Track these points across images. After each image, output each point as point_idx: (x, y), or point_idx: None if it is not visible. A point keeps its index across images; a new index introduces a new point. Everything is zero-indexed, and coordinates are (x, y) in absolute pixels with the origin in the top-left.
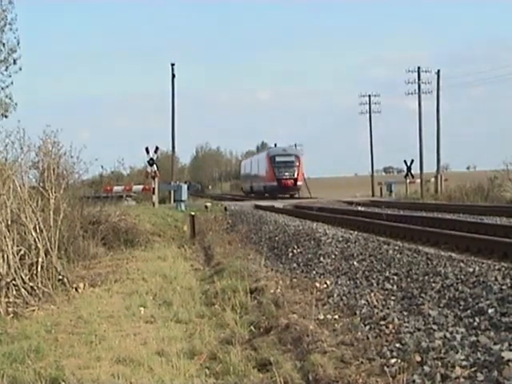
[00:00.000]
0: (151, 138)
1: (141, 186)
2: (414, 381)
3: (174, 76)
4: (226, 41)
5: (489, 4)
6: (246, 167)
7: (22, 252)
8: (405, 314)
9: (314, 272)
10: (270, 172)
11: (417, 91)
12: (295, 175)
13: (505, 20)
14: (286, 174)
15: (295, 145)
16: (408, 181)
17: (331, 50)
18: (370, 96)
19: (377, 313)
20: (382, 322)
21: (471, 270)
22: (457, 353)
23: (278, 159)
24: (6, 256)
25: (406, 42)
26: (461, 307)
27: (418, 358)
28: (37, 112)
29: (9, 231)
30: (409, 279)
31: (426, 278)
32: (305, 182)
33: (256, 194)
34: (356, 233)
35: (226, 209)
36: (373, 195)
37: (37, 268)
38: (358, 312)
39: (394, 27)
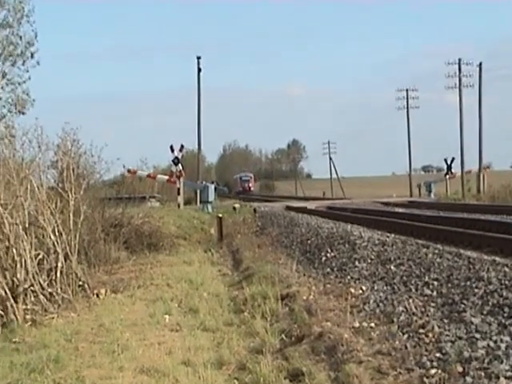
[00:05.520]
0: (176, 136)
1: (166, 177)
2: None
3: (199, 70)
4: (258, 35)
5: None
6: (233, 180)
7: (41, 256)
8: (445, 321)
9: (349, 277)
10: (239, 184)
11: (457, 85)
12: (250, 185)
13: None
14: (245, 185)
15: (328, 142)
16: (447, 176)
17: (369, 43)
18: (407, 90)
19: (416, 320)
20: (422, 330)
21: None
22: (501, 363)
23: (242, 178)
24: (23, 260)
25: (447, 35)
26: (505, 314)
27: (460, 369)
28: (56, 109)
29: (26, 234)
30: (449, 284)
31: (468, 283)
32: (338, 182)
33: (236, 194)
34: (393, 235)
35: (255, 210)
36: (411, 195)
37: (56, 273)
38: (395, 319)
39: (434, 18)
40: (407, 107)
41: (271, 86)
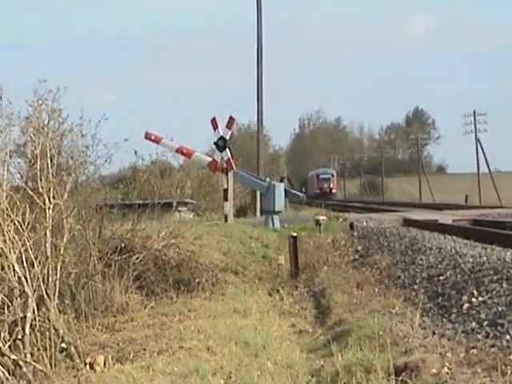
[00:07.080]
0: (222, 104)
1: (207, 158)
2: None
3: None
4: None
5: None
6: (309, 179)
7: None
8: None
9: (509, 337)
10: (316, 184)
11: None
12: (331, 186)
13: None
14: (325, 185)
15: (474, 113)
16: None
17: None
18: None
19: None
20: None
21: None
22: None
23: (320, 176)
24: None
25: None
26: None
27: None
28: (25, 61)
29: None
30: None
31: None
32: (491, 180)
33: (311, 198)
34: None
35: (352, 226)
36: None
37: (23, 329)
38: None
39: None
40: None
41: (378, 23)
